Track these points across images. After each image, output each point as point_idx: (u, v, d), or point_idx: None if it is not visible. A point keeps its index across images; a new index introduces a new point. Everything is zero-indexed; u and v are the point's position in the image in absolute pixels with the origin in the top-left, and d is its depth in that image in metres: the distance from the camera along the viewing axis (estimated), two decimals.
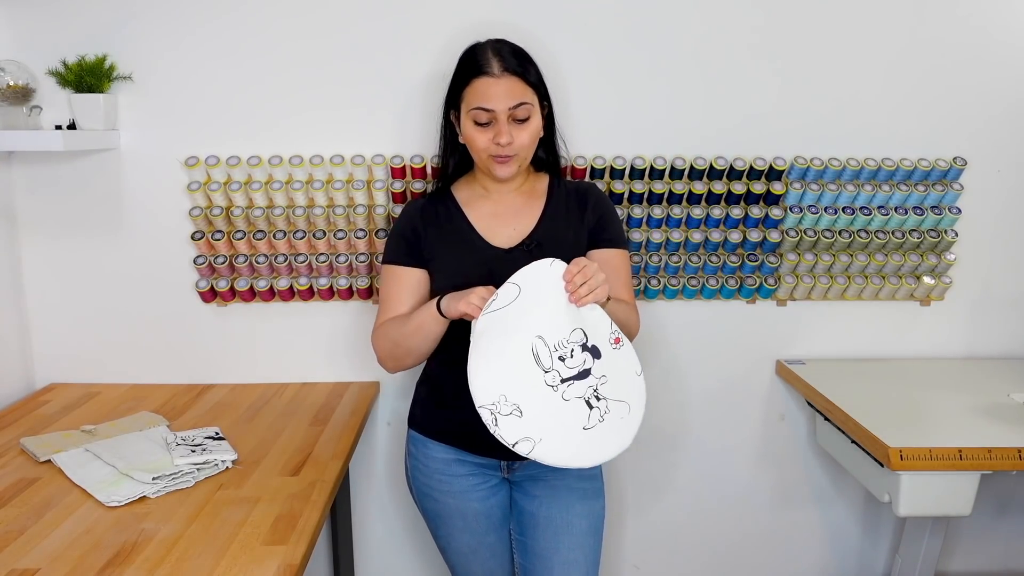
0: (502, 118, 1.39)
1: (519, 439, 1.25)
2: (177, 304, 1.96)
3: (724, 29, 1.88)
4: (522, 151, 1.44)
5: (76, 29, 1.82)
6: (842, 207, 1.93)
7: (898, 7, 1.90)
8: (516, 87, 1.40)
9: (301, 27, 1.84)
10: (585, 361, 1.30)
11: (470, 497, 1.51)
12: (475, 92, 1.41)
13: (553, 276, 1.32)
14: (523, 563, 1.54)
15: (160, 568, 1.17)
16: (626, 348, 1.36)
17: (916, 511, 1.62)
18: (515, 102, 1.39)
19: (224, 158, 1.86)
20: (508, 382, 1.27)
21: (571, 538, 1.48)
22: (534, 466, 1.49)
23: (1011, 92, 1.96)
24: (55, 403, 1.85)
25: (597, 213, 1.52)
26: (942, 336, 2.08)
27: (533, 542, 1.51)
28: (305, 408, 1.83)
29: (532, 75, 1.44)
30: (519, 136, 1.41)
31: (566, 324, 1.30)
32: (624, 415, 1.32)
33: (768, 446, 2.13)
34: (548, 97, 1.51)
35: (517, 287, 1.30)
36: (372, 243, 1.91)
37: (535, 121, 1.44)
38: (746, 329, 2.04)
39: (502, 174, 1.45)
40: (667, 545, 2.19)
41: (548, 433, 1.27)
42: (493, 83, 1.39)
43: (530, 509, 1.51)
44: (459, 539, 1.55)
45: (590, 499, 1.52)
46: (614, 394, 1.32)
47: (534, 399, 1.27)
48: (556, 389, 1.28)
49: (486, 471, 1.52)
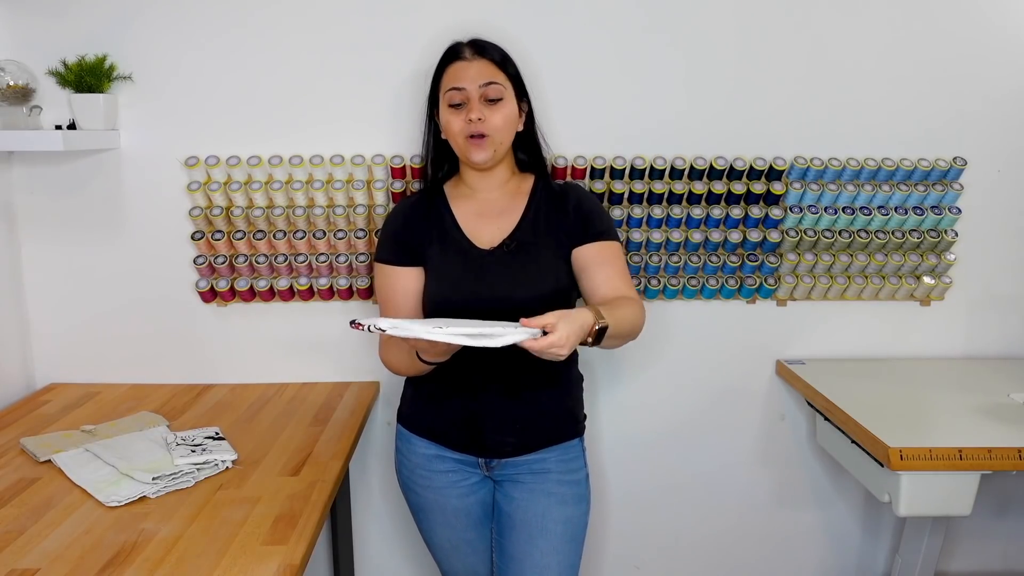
0: (473, 96, 1.44)
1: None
2: (177, 304, 1.96)
3: (724, 29, 1.88)
4: (496, 133, 1.45)
5: (76, 29, 1.82)
6: (842, 207, 1.93)
7: (898, 7, 1.90)
8: (487, 68, 1.47)
9: (301, 27, 1.84)
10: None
11: (450, 493, 1.53)
12: (448, 76, 1.48)
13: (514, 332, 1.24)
14: (499, 564, 1.54)
15: (160, 568, 1.17)
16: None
17: (916, 511, 1.62)
18: (485, 80, 1.45)
19: (224, 158, 1.86)
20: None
21: (546, 542, 1.48)
22: (513, 467, 1.51)
23: (1011, 92, 1.96)
24: (55, 403, 1.85)
25: (579, 211, 1.51)
26: (942, 336, 2.08)
27: (508, 544, 1.51)
28: (305, 408, 1.83)
29: (508, 67, 1.50)
30: (491, 117, 1.44)
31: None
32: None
33: (768, 446, 2.13)
34: (527, 96, 1.54)
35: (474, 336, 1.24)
36: (372, 243, 1.90)
37: (509, 106, 1.47)
38: (746, 329, 2.04)
39: (477, 157, 1.46)
40: (667, 545, 2.19)
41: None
42: (465, 65, 1.47)
43: (508, 510, 1.52)
44: (440, 534, 1.58)
45: (570, 504, 1.51)
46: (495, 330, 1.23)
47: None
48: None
49: (466, 468, 1.52)
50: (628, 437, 2.10)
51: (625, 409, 2.08)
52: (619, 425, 2.09)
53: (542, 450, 1.50)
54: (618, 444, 2.10)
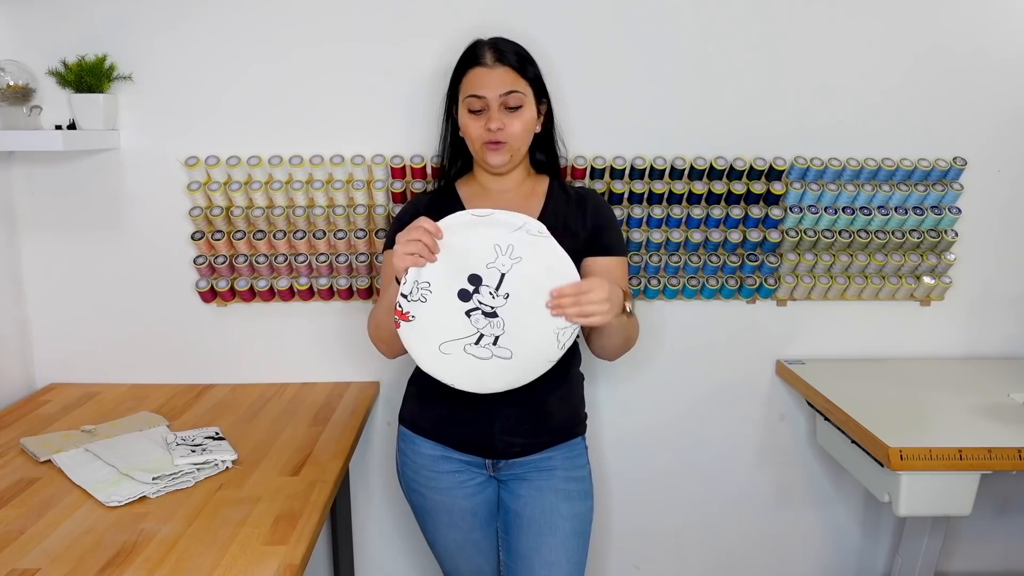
0: (493, 105, 1.43)
1: (409, 311, 1.31)
2: (177, 304, 1.96)
3: (725, 30, 1.88)
4: (513, 140, 1.45)
5: (76, 29, 1.82)
6: (842, 207, 1.93)
7: (898, 7, 1.90)
8: (508, 76, 1.45)
9: (301, 27, 1.84)
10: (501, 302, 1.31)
11: (456, 494, 1.52)
12: (470, 81, 1.46)
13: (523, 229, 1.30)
14: (507, 562, 1.55)
15: (160, 568, 1.17)
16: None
17: (916, 511, 1.62)
18: (506, 89, 1.44)
19: (224, 158, 1.86)
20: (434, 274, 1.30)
21: (554, 539, 1.48)
22: (520, 466, 1.50)
23: (1011, 92, 1.96)
24: (55, 403, 1.85)
25: (595, 220, 1.51)
26: (942, 336, 2.08)
27: (516, 542, 1.51)
28: (305, 408, 1.83)
29: (528, 71, 1.48)
30: (510, 124, 1.44)
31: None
32: (505, 359, 1.33)
33: (768, 446, 2.13)
34: (547, 96, 1.53)
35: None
36: (372, 243, 1.91)
37: (528, 112, 1.46)
38: (746, 329, 2.04)
39: (493, 161, 1.46)
40: (667, 545, 2.19)
41: (427, 325, 1.32)
42: (486, 72, 1.45)
43: (515, 508, 1.52)
44: (445, 535, 1.57)
45: (576, 501, 1.51)
46: (507, 343, 1.33)
47: (444, 297, 1.30)
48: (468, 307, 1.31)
49: (472, 468, 1.52)
50: (627, 437, 2.10)
51: (624, 409, 2.08)
52: (618, 425, 2.09)
53: (548, 449, 1.51)
54: (618, 444, 2.10)
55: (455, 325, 1.32)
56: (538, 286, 1.29)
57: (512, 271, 1.30)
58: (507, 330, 1.32)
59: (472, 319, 1.32)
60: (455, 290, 1.31)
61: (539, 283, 1.29)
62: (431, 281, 1.30)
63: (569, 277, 1.30)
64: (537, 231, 1.30)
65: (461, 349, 1.33)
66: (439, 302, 1.31)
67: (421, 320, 1.32)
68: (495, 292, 1.30)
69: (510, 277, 1.30)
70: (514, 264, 1.29)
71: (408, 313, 1.32)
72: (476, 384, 1.36)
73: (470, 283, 1.30)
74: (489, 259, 1.30)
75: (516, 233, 1.29)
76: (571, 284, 1.28)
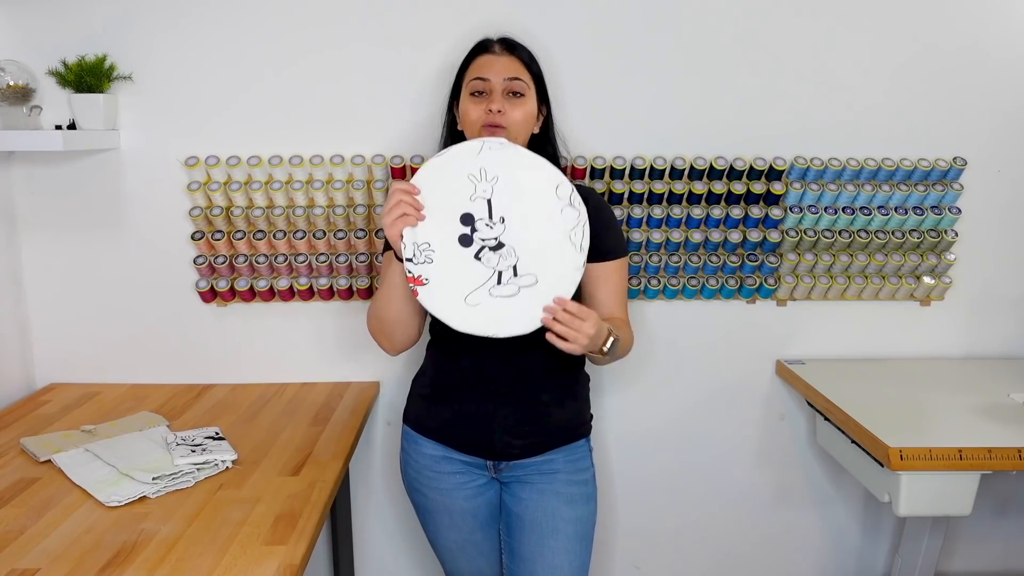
0: (497, 88, 1.45)
1: (420, 274, 1.31)
2: (177, 304, 1.96)
3: (725, 30, 1.88)
4: (513, 127, 1.45)
5: (76, 29, 1.82)
6: (842, 207, 1.93)
7: (898, 7, 1.90)
8: (514, 64, 1.48)
9: (301, 28, 1.84)
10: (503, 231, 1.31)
11: (457, 495, 1.52)
12: (475, 67, 1.49)
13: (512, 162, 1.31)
14: (509, 565, 1.54)
15: (160, 568, 1.17)
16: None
17: (916, 511, 1.62)
18: (511, 75, 1.46)
19: (224, 158, 1.86)
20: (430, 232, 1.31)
21: (556, 543, 1.48)
22: (521, 468, 1.50)
23: (1011, 92, 1.96)
24: (55, 403, 1.85)
25: (596, 222, 1.49)
26: (942, 336, 2.08)
27: (519, 545, 1.51)
28: (305, 408, 1.83)
29: (534, 67, 1.51)
30: (512, 111, 1.44)
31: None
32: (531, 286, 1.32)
33: (768, 446, 2.13)
34: (548, 101, 1.55)
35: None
36: (372, 243, 1.91)
37: (530, 104, 1.47)
38: (746, 329, 2.04)
39: None
40: (667, 545, 2.19)
41: (444, 283, 1.31)
42: (493, 59, 1.48)
43: (517, 511, 1.51)
44: (446, 535, 1.57)
45: (579, 504, 1.51)
46: (526, 268, 1.31)
47: (447, 249, 1.30)
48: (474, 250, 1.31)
49: (474, 470, 1.52)
50: (627, 437, 2.10)
51: (624, 409, 2.08)
52: (618, 425, 2.09)
53: (550, 451, 1.50)
54: (617, 444, 2.10)
55: (470, 273, 1.31)
56: (527, 194, 1.30)
57: (496, 192, 1.30)
58: (519, 255, 1.31)
59: (483, 260, 1.31)
60: (455, 238, 1.30)
61: (526, 191, 1.30)
62: (429, 240, 1.30)
63: (548, 170, 1.31)
64: (499, 144, 1.31)
65: (487, 295, 1.31)
66: (445, 256, 1.31)
67: (436, 280, 1.31)
68: (490, 221, 1.30)
69: (497, 199, 1.30)
70: (494, 185, 1.30)
71: (420, 277, 1.31)
72: (522, 324, 1.31)
73: (464, 224, 1.30)
74: (469, 191, 1.30)
75: (481, 155, 1.30)
76: (575, 303, 1.29)
